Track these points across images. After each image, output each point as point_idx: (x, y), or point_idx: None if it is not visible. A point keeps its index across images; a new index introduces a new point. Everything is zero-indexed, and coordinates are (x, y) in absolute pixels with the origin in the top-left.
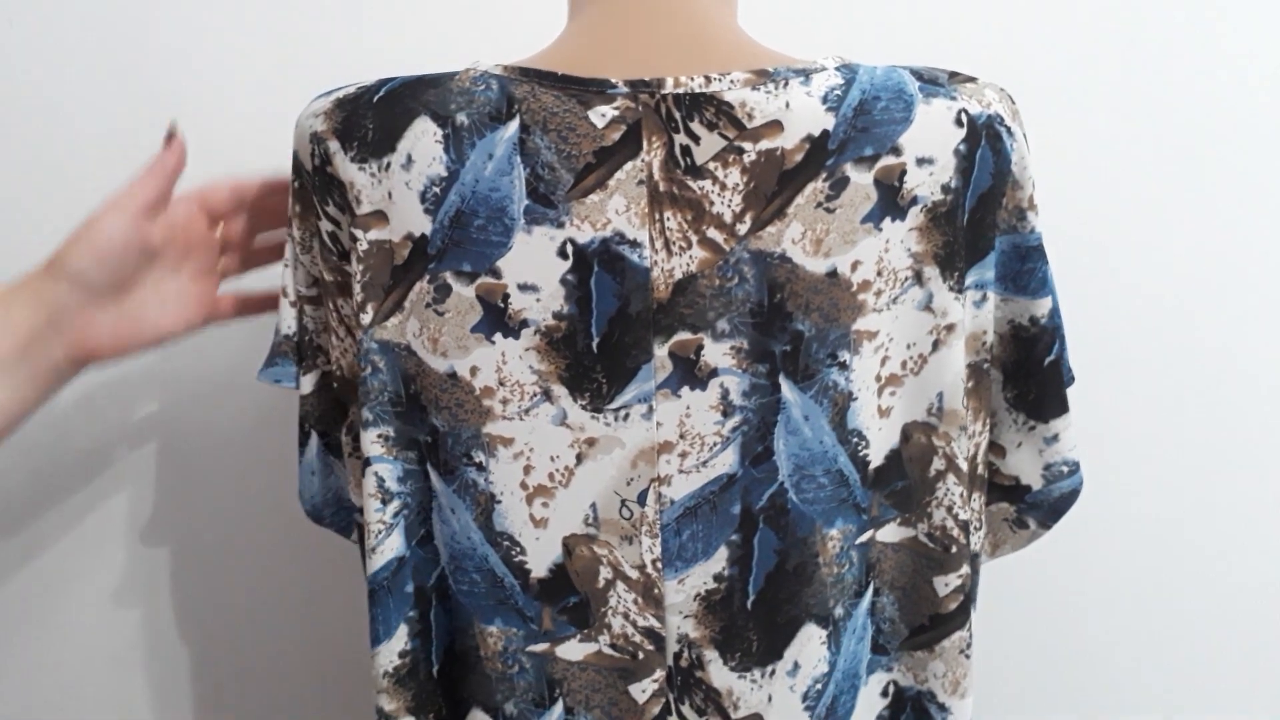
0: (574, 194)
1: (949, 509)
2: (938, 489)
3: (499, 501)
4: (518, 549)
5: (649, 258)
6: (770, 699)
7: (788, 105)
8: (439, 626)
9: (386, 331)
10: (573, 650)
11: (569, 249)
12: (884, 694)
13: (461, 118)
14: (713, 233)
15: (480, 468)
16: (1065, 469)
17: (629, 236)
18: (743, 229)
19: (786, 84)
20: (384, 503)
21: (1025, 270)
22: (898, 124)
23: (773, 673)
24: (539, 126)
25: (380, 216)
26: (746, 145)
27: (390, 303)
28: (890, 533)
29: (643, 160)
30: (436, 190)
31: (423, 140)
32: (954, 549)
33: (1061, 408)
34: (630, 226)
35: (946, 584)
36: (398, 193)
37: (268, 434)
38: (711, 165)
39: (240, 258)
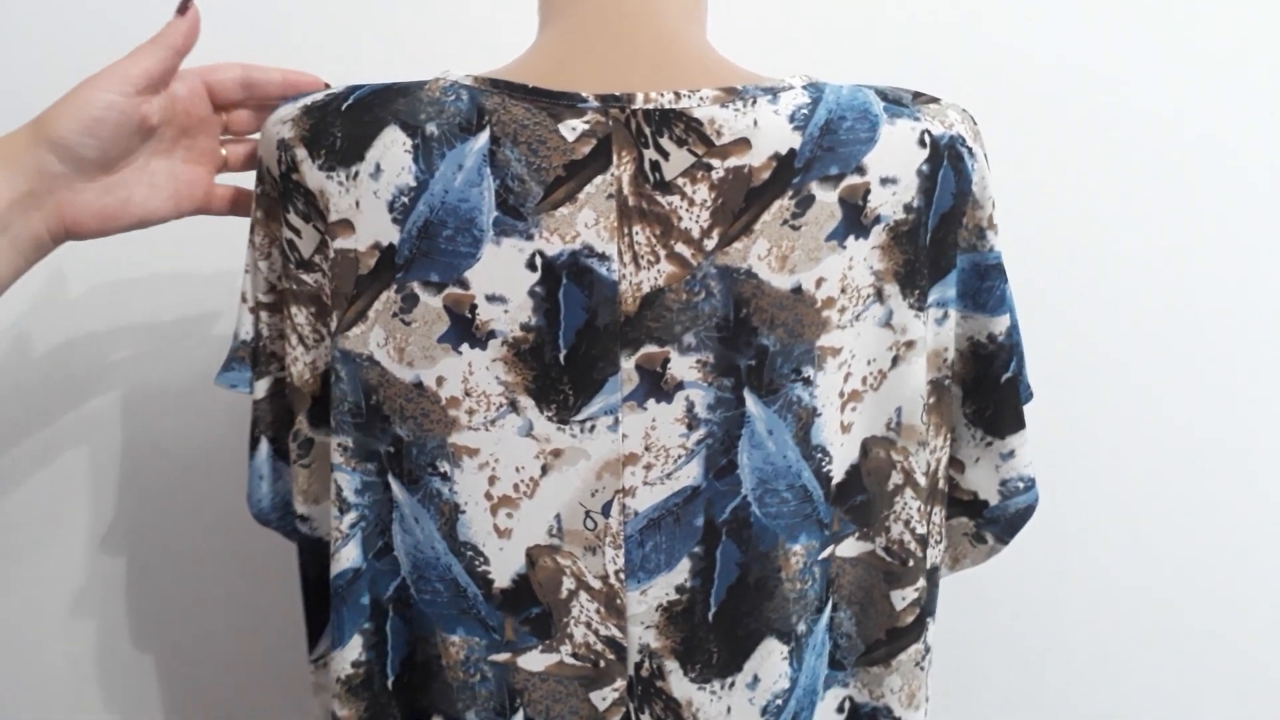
0: (543, 206)
1: (906, 523)
2: (895, 503)
3: (463, 512)
4: (481, 559)
5: (617, 271)
6: (729, 710)
7: (755, 123)
8: (396, 637)
9: (349, 341)
10: (534, 661)
11: (538, 261)
12: (839, 710)
13: (431, 128)
14: (680, 247)
15: (445, 478)
16: (1021, 485)
17: (598, 250)
18: (710, 244)
19: (754, 102)
20: (341, 512)
21: (985, 288)
22: (863, 144)
23: (732, 685)
24: (509, 138)
25: (347, 225)
26: (715, 162)
27: (353, 312)
28: (849, 547)
29: (612, 174)
30: (405, 200)
31: (392, 150)
32: (911, 563)
33: (1018, 424)
34: (599, 240)
35: (904, 598)
36: (365, 202)
37: (226, 438)
38: (680, 181)
39: (245, 153)
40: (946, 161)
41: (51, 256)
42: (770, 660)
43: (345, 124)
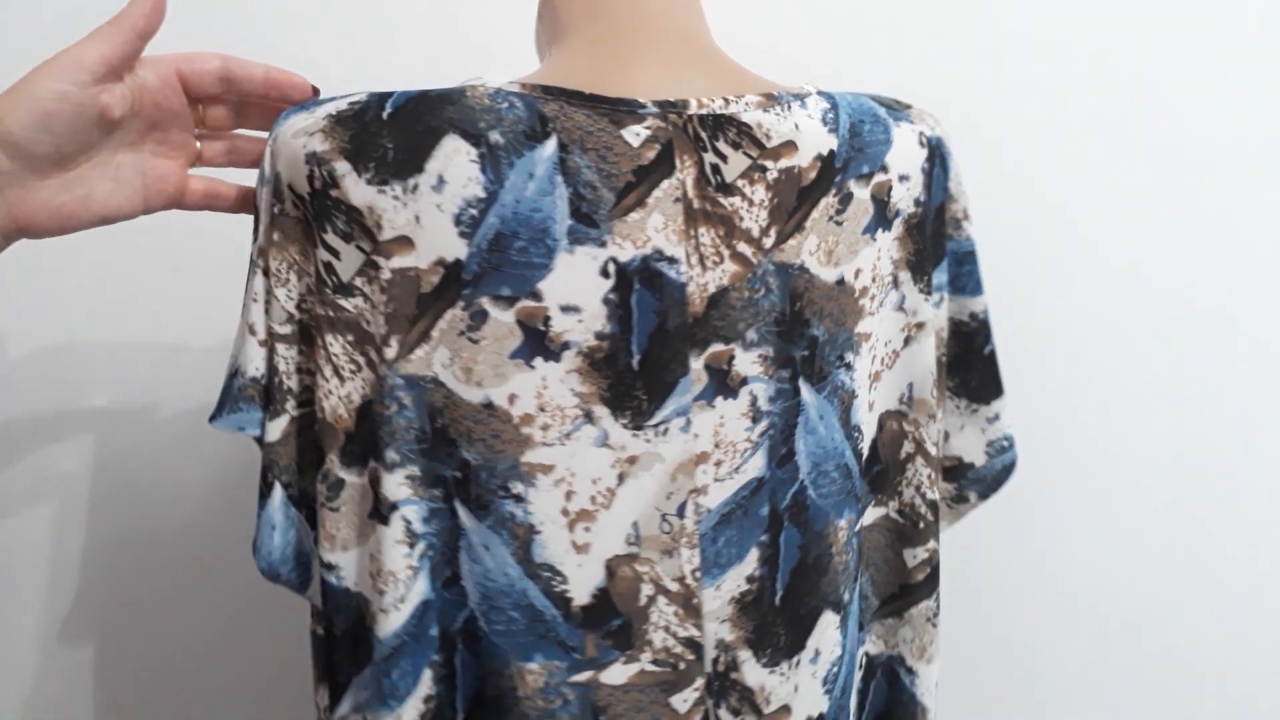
0: (616, 212)
1: (918, 488)
2: (907, 470)
3: (539, 532)
4: (559, 579)
5: (685, 273)
6: (797, 689)
7: (797, 127)
8: (465, 671)
9: (412, 365)
10: (616, 674)
11: (611, 268)
12: (859, 666)
13: (495, 136)
14: (742, 247)
15: (518, 499)
16: (1005, 444)
17: (667, 253)
18: (768, 242)
19: (790, 107)
20: (410, 546)
21: (964, 272)
22: (882, 145)
23: (798, 663)
24: (577, 145)
25: (405, 242)
26: (768, 163)
27: (416, 334)
28: (867, 515)
29: (677, 178)
30: (474, 212)
31: (455, 160)
32: (922, 525)
33: (999, 390)
34: (668, 243)
35: (915, 556)
36: (427, 216)
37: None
38: (740, 182)
39: (225, 148)
40: (937, 160)
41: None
42: (827, 633)
43: (395, 134)
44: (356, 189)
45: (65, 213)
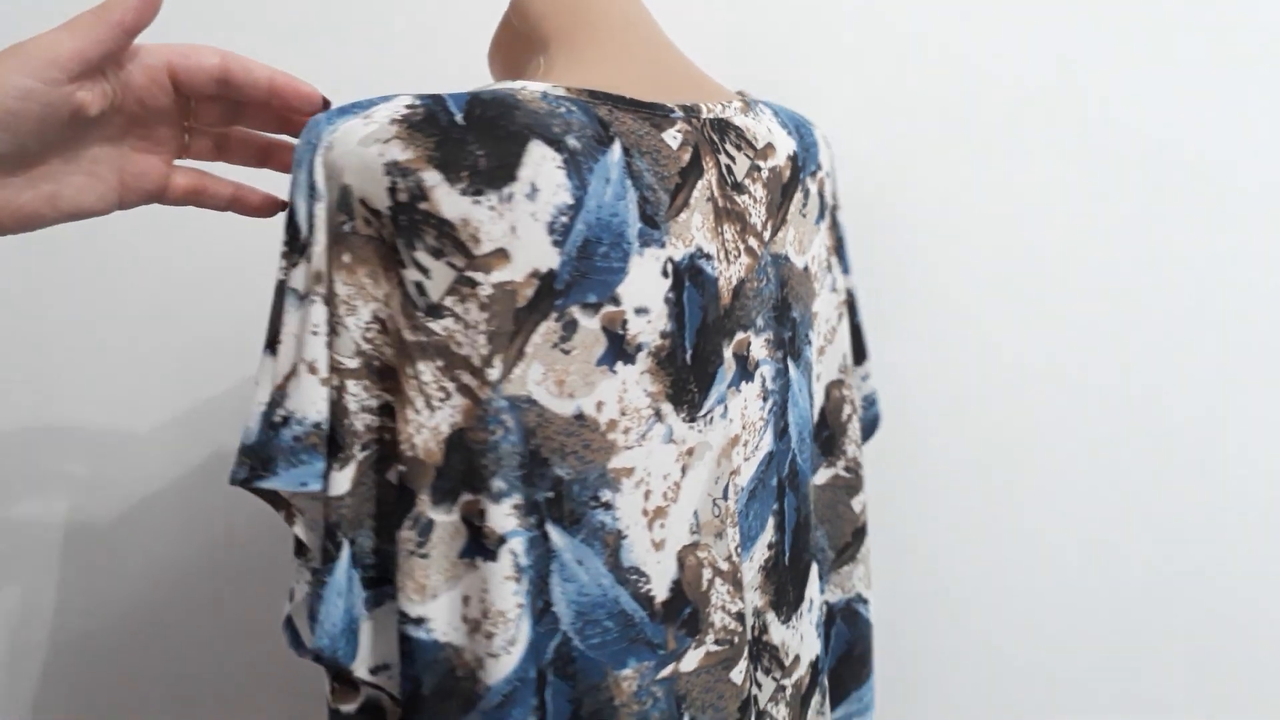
0: (670, 213)
1: (855, 443)
2: (849, 430)
3: (625, 537)
4: (644, 579)
5: (717, 268)
6: (802, 639)
7: (770, 130)
8: (557, 701)
9: (512, 386)
10: (690, 661)
11: (669, 267)
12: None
13: (572, 141)
14: (752, 241)
15: (607, 507)
16: (873, 399)
17: (705, 250)
18: (767, 235)
19: (760, 111)
20: (518, 581)
21: (843, 254)
22: (814, 146)
23: (800, 615)
24: (635, 149)
25: (502, 255)
26: (761, 164)
27: (514, 352)
28: (820, 475)
29: (706, 179)
30: (564, 220)
31: (544, 167)
32: (860, 474)
33: (866, 354)
34: (705, 241)
35: (860, 503)
36: (523, 226)
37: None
38: (746, 181)
39: (213, 144)
40: (834, 158)
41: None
42: (814, 583)
43: (482, 140)
44: (449, 200)
45: (28, 211)
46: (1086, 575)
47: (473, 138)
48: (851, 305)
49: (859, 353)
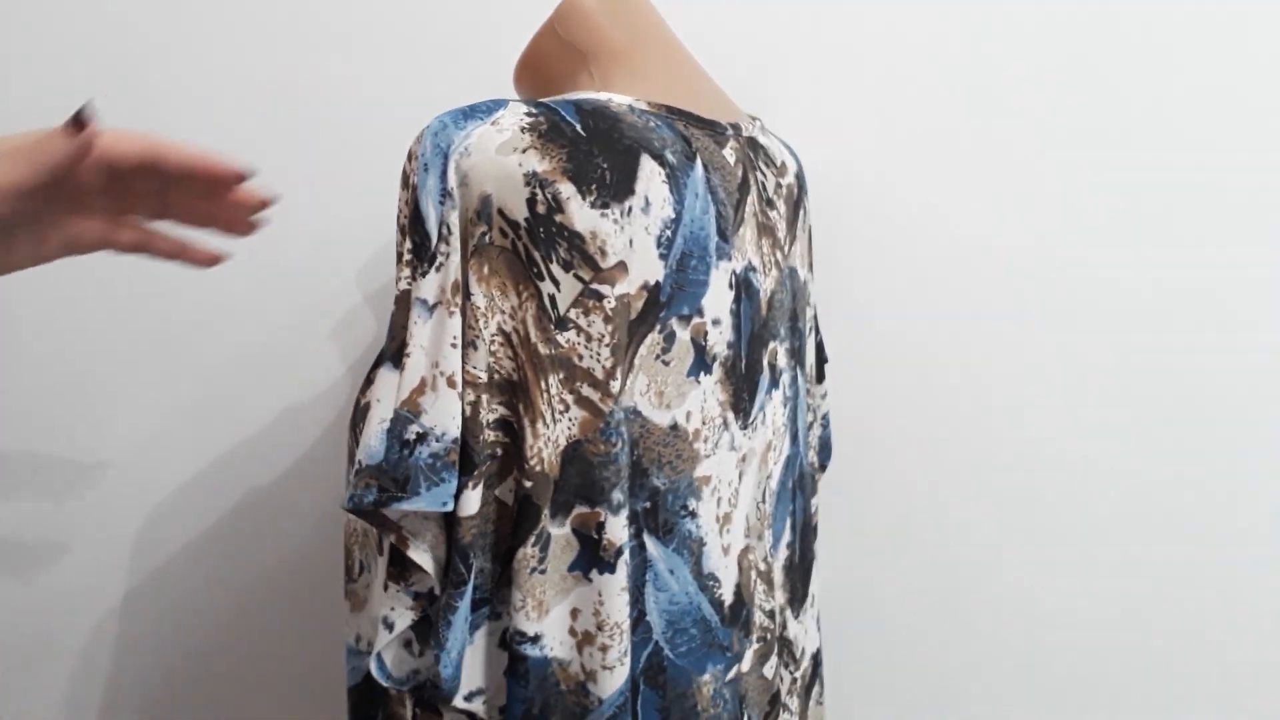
0: (734, 227)
1: (813, 448)
2: (809, 433)
3: (705, 544)
4: (717, 584)
5: (759, 281)
6: (807, 632)
7: (781, 149)
8: (646, 710)
9: (625, 397)
10: (746, 660)
11: (733, 280)
12: None
13: (670, 156)
14: (778, 254)
15: (693, 515)
16: (828, 419)
17: (754, 264)
18: (786, 249)
19: (767, 130)
20: (627, 592)
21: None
22: (797, 162)
23: (806, 610)
24: (709, 165)
25: (623, 268)
26: (781, 181)
27: (627, 363)
28: None
29: (753, 195)
30: (669, 233)
31: (654, 181)
32: (817, 477)
33: (824, 373)
34: (753, 254)
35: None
36: (638, 239)
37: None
38: (774, 197)
39: (154, 208)
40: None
41: None
42: (815, 580)
43: (605, 153)
44: (581, 213)
45: None
46: (1086, 575)
47: (596, 150)
48: (817, 321)
49: (820, 371)
